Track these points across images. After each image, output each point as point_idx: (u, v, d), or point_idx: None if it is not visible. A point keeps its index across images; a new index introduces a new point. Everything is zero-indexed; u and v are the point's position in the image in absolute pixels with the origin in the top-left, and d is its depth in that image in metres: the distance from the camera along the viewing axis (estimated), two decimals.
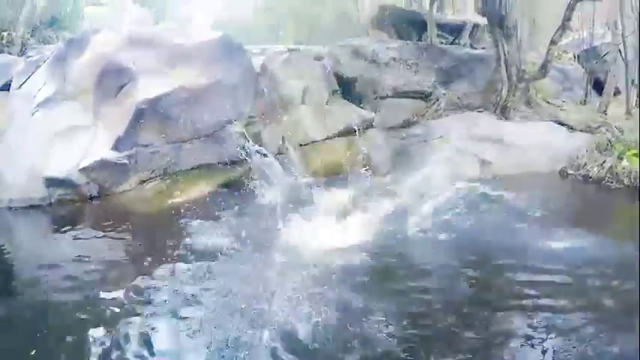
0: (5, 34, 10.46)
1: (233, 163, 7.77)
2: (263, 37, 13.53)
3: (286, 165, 7.91)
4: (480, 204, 6.53)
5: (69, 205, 7.29)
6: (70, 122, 7.72)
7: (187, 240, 5.66)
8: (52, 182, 7.24)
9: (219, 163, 7.92)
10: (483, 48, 10.87)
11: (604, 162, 7.82)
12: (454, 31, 11.75)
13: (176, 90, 7.73)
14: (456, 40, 11.28)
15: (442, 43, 10.91)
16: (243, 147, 7.52)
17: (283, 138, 8.30)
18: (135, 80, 7.79)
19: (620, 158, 7.68)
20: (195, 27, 11.37)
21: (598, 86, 10.23)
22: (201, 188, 7.70)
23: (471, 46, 11.00)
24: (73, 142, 7.59)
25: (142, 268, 5.03)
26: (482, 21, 10.93)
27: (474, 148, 8.92)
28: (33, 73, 8.36)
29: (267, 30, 15.59)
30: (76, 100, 7.89)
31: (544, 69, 9.58)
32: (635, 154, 7.49)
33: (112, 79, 7.83)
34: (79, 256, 5.49)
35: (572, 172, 8.28)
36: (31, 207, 7.17)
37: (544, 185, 8.06)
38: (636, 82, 8.97)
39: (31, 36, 10.80)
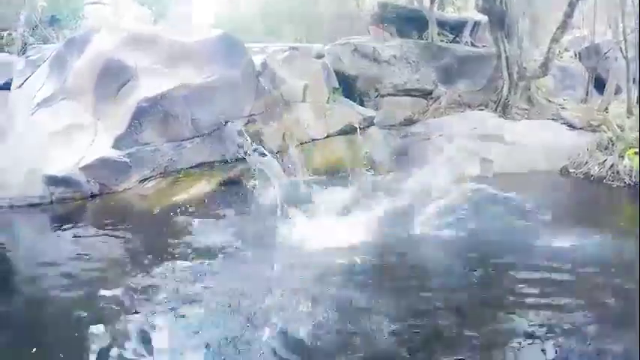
0: (5, 33, 10.45)
1: (235, 161, 7.80)
2: (263, 36, 13.50)
3: (287, 164, 7.86)
4: (484, 204, 6.50)
5: (69, 203, 7.25)
6: (71, 121, 7.70)
7: (187, 238, 5.63)
8: (52, 181, 7.22)
9: (219, 161, 7.91)
10: (484, 46, 10.92)
11: (605, 160, 7.81)
12: (455, 28, 11.77)
13: (176, 88, 7.72)
14: (457, 38, 11.28)
15: (443, 41, 10.95)
16: (242, 146, 7.49)
17: (284, 136, 8.27)
18: (135, 79, 7.77)
19: (622, 157, 7.65)
20: (196, 25, 11.33)
21: (599, 84, 10.19)
22: (202, 186, 7.67)
23: (472, 44, 11.07)
24: (73, 140, 7.57)
25: (142, 266, 5.00)
26: (484, 19, 10.96)
27: (474, 147, 8.97)
28: (33, 72, 8.34)
29: (268, 28, 15.56)
30: (76, 99, 7.87)
31: (545, 67, 9.57)
32: (636, 153, 7.46)
33: (113, 78, 7.80)
34: (78, 254, 5.47)
35: (573, 170, 8.27)
36: (32, 206, 7.13)
37: (545, 184, 8.05)
38: (637, 80, 8.93)
39: (31, 35, 10.77)
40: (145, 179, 7.68)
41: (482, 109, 9.97)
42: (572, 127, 9.06)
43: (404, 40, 10.70)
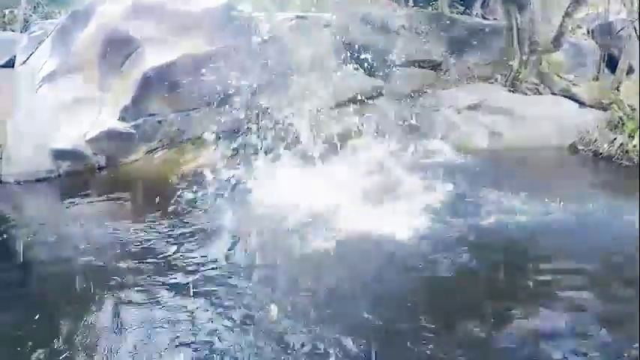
0: (7, 11, 10.29)
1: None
2: (270, 4, 13.12)
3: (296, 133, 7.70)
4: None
5: (77, 176, 7.29)
6: (76, 94, 7.64)
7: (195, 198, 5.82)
8: (59, 154, 7.23)
9: (227, 131, 7.82)
10: (495, 19, 10.61)
11: (615, 139, 7.75)
12: (466, 0, 11.32)
13: (182, 57, 7.66)
14: (468, 10, 10.90)
15: (453, 12, 10.61)
16: (249, 118, 7.47)
17: (292, 106, 8.03)
18: (140, 49, 7.68)
19: (631, 136, 7.60)
20: None
21: (611, 63, 10.02)
22: (210, 153, 7.59)
23: (483, 17, 10.73)
24: (79, 114, 7.54)
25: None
26: None
27: (484, 120, 8.91)
28: (37, 48, 8.24)
29: None
30: (81, 72, 7.78)
31: (557, 42, 9.42)
32: None
33: (117, 50, 7.71)
34: (82, 223, 5.58)
35: (582, 147, 8.22)
36: (39, 180, 7.17)
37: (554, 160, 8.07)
38: None
39: (33, 12, 10.60)
40: (153, 150, 7.73)
41: (491, 83, 9.83)
42: (582, 104, 8.97)
43: (413, 9, 10.38)
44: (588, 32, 10.89)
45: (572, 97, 9.14)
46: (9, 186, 7.15)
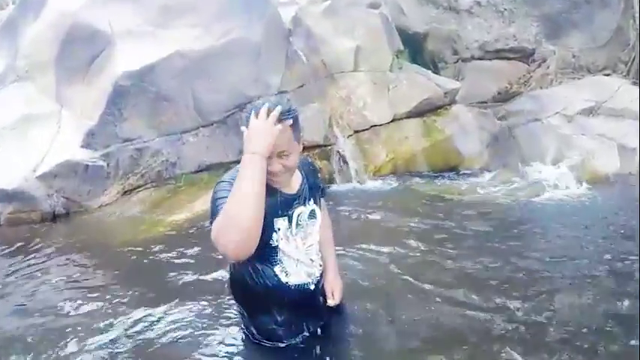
0: None
1: None
2: None
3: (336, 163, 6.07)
4: None
5: (23, 227, 5.51)
6: (24, 110, 6.05)
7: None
8: None
9: (236, 161, 5.75)
10: None
11: None
12: None
13: (170, 58, 5.85)
14: None
15: None
16: None
17: (330, 122, 6.30)
18: (112, 47, 5.96)
19: None
20: None
21: None
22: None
23: None
24: (27, 138, 5.91)
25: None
26: None
27: (606, 129, 6.60)
28: None
29: None
30: (31, 79, 6.22)
31: None
32: None
33: (81, 48, 6.04)
34: (23, 304, 3.76)
35: None
36: None
37: None
38: None
39: None
40: (130, 190, 5.93)
41: (608, 74, 7.74)
42: None
43: None
44: None
45: None
46: None
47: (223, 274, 3.42)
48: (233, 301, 2.58)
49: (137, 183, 5.86)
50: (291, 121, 1.97)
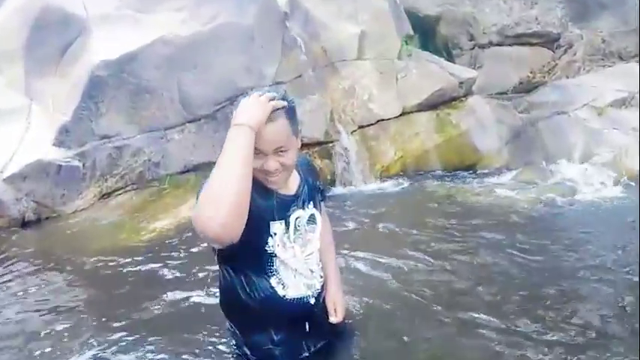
0: None
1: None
2: None
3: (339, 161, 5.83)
4: None
5: None
6: None
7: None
8: None
9: None
10: None
11: None
12: None
13: (153, 45, 5.57)
14: None
15: None
16: None
17: (332, 116, 6.05)
18: (87, 33, 5.72)
19: None
20: None
21: None
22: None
23: None
24: None
25: None
26: None
27: None
28: None
29: None
30: None
31: None
32: None
33: (52, 35, 5.79)
34: None
35: None
36: None
37: None
38: None
39: None
40: (109, 194, 5.62)
41: None
42: None
43: None
44: None
45: None
46: None
47: (213, 290, 3.08)
48: (223, 318, 2.33)
49: (116, 185, 5.57)
50: (285, 105, 1.83)
